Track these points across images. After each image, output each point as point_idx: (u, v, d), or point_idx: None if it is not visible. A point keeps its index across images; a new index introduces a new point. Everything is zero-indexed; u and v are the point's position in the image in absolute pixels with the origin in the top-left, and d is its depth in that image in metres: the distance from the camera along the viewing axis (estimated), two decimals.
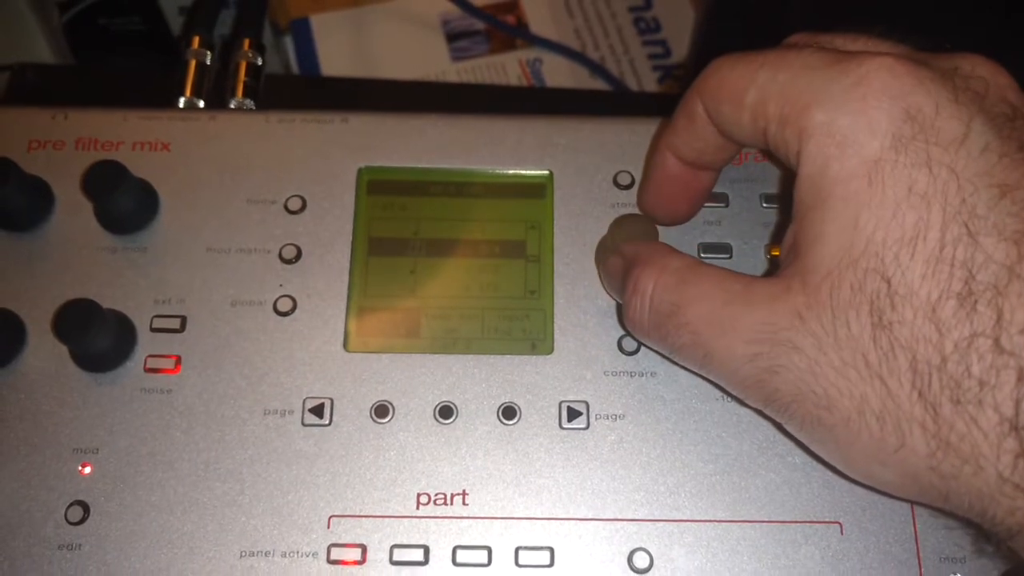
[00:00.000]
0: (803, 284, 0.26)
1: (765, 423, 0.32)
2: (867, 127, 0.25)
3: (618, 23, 0.68)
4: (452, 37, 0.68)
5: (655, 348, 0.32)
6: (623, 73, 0.66)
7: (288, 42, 0.67)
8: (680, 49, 0.67)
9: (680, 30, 0.68)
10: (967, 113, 0.25)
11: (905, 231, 0.24)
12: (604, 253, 0.34)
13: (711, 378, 0.30)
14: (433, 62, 0.67)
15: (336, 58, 0.66)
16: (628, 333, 0.33)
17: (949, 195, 0.24)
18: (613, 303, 0.34)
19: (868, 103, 0.25)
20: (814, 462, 0.32)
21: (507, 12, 0.68)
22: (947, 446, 0.24)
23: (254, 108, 0.42)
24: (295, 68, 0.67)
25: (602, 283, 0.34)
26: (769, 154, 0.29)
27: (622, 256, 0.32)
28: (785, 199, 0.36)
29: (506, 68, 0.66)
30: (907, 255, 0.24)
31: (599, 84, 0.65)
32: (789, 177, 0.28)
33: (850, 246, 0.25)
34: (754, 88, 0.28)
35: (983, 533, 0.25)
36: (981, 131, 0.24)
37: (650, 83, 0.66)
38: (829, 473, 0.32)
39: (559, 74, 0.66)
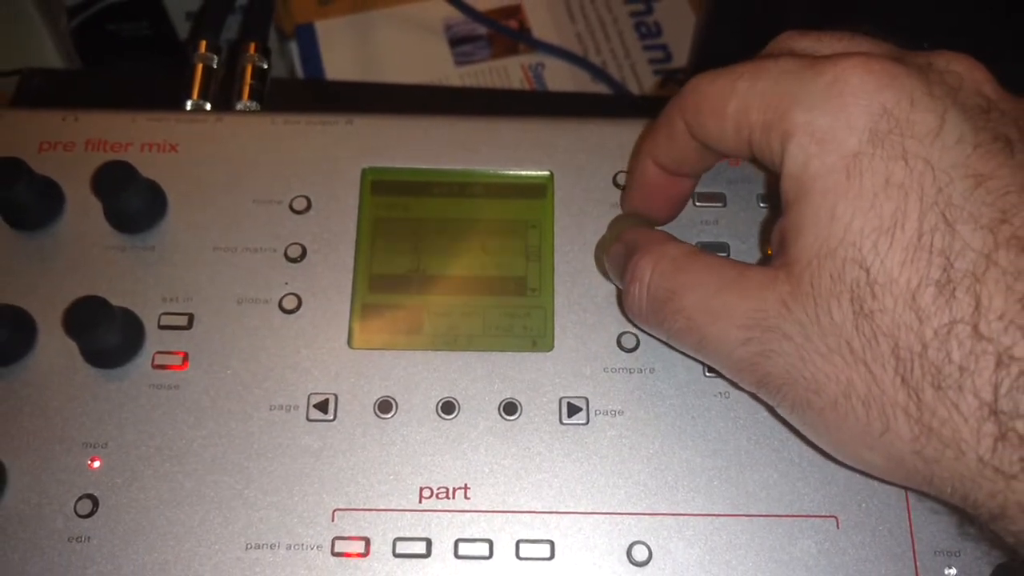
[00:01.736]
0: (788, 274, 0.27)
1: (763, 419, 0.33)
2: (845, 124, 0.26)
3: (619, 28, 0.69)
4: (455, 42, 0.68)
5: (652, 333, 0.32)
6: (624, 77, 0.67)
7: (293, 47, 0.68)
8: (681, 53, 0.68)
9: (681, 34, 0.68)
10: (941, 106, 0.25)
11: (883, 220, 0.25)
12: (603, 252, 0.35)
13: (707, 362, 0.30)
14: (436, 67, 0.67)
15: (340, 63, 0.67)
16: (627, 318, 0.34)
17: (925, 185, 0.25)
18: (612, 301, 0.35)
19: (845, 101, 0.26)
20: (811, 457, 0.32)
21: (509, 17, 0.69)
22: (929, 431, 0.24)
23: (260, 111, 0.43)
24: (300, 73, 0.68)
25: (606, 270, 0.35)
26: (755, 161, 0.30)
27: (624, 243, 0.32)
28: (774, 198, 0.36)
29: (508, 72, 0.67)
30: (885, 244, 0.25)
31: (601, 88, 0.66)
32: (777, 181, 0.28)
33: (827, 236, 0.26)
34: (735, 98, 0.28)
35: (967, 517, 0.26)
36: (955, 123, 0.25)
37: (651, 87, 0.67)
38: (825, 468, 0.32)
39: (561, 78, 0.67)
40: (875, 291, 0.25)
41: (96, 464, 0.32)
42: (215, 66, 0.44)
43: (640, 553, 0.31)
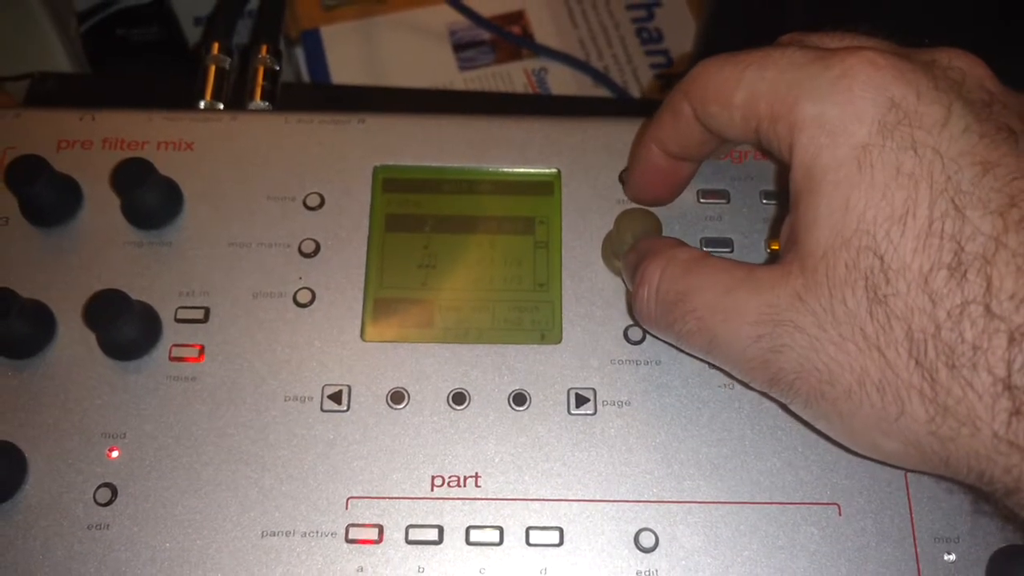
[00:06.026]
0: (801, 267, 0.27)
1: (766, 409, 0.34)
2: (855, 116, 0.26)
3: (621, 33, 0.70)
4: (459, 47, 0.69)
5: (663, 337, 0.33)
6: (626, 82, 0.68)
7: (299, 53, 0.69)
8: (682, 58, 0.69)
9: (682, 39, 0.69)
10: (947, 99, 0.26)
11: (895, 209, 0.25)
12: (610, 247, 0.36)
13: (717, 363, 0.31)
14: (441, 72, 0.68)
15: (346, 68, 0.68)
16: (638, 325, 0.35)
17: (935, 174, 0.25)
18: (619, 295, 0.36)
19: (854, 94, 0.26)
20: (814, 446, 0.33)
21: (513, 23, 0.70)
22: (945, 410, 0.25)
23: (273, 110, 0.44)
24: (306, 78, 0.68)
25: (612, 264, 0.36)
26: (759, 148, 0.31)
27: (636, 250, 0.33)
28: (782, 194, 0.37)
29: (512, 77, 0.68)
30: (898, 231, 0.25)
31: (603, 93, 0.67)
32: (785, 172, 0.29)
33: (842, 227, 0.26)
34: (742, 88, 0.29)
35: (982, 495, 0.26)
36: (961, 114, 0.26)
37: (652, 91, 0.68)
38: (828, 456, 0.33)
39: (564, 83, 0.68)
40: (889, 277, 0.25)
41: (115, 454, 0.33)
42: (227, 68, 0.45)
43: (647, 540, 0.32)
